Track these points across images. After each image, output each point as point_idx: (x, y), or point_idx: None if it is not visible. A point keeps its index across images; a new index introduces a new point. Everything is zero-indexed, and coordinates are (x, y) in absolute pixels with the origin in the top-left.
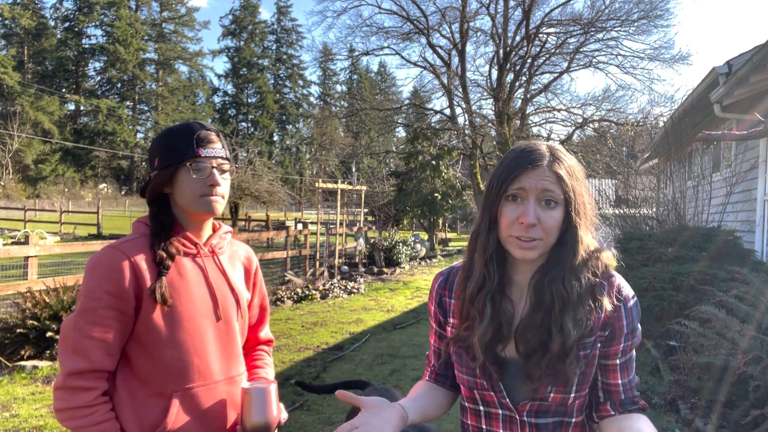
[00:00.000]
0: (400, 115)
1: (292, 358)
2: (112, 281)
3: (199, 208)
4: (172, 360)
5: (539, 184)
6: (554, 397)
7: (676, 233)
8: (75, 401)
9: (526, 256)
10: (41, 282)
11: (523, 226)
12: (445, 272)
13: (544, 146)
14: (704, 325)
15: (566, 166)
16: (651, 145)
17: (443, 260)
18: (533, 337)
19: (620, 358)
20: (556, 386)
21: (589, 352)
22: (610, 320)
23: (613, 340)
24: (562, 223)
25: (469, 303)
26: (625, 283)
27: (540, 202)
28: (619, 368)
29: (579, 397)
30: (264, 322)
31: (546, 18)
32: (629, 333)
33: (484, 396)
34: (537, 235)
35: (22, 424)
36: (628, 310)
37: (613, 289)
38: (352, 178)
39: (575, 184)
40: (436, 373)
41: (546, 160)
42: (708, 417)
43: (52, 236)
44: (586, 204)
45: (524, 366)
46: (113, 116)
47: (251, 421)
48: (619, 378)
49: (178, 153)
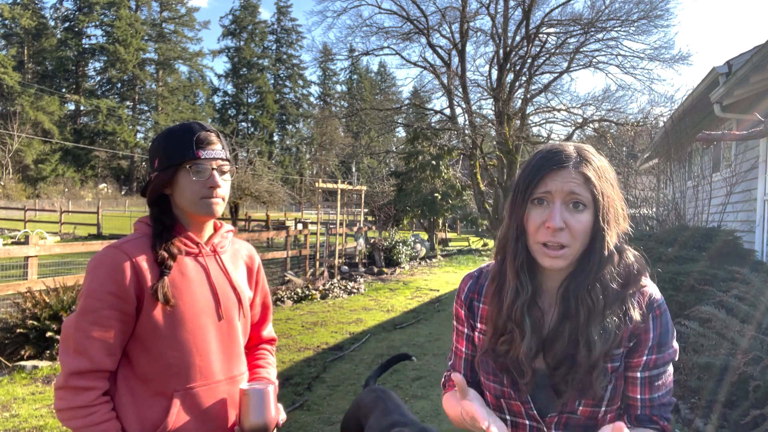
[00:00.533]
0: (400, 115)
1: (292, 358)
2: (114, 281)
3: (199, 210)
4: (173, 359)
5: (565, 186)
6: (583, 411)
7: (676, 233)
8: (76, 401)
9: (554, 265)
10: (41, 282)
11: (549, 230)
12: (474, 274)
13: (571, 147)
14: (704, 325)
15: (595, 167)
16: (651, 145)
17: (443, 260)
18: (560, 348)
19: (642, 372)
20: (585, 399)
21: (618, 365)
22: (637, 330)
23: (636, 351)
24: (591, 228)
25: (506, 317)
26: (657, 292)
27: (567, 205)
28: (639, 382)
29: (611, 411)
30: (267, 321)
31: (546, 18)
32: (655, 346)
33: (511, 406)
34: (565, 241)
35: (22, 424)
36: (657, 322)
37: (644, 298)
38: (352, 178)
39: (604, 186)
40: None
41: (572, 161)
42: (708, 417)
43: (52, 236)
44: (617, 208)
45: (551, 379)
46: (113, 116)
47: (249, 422)
48: (638, 392)
49: (177, 154)
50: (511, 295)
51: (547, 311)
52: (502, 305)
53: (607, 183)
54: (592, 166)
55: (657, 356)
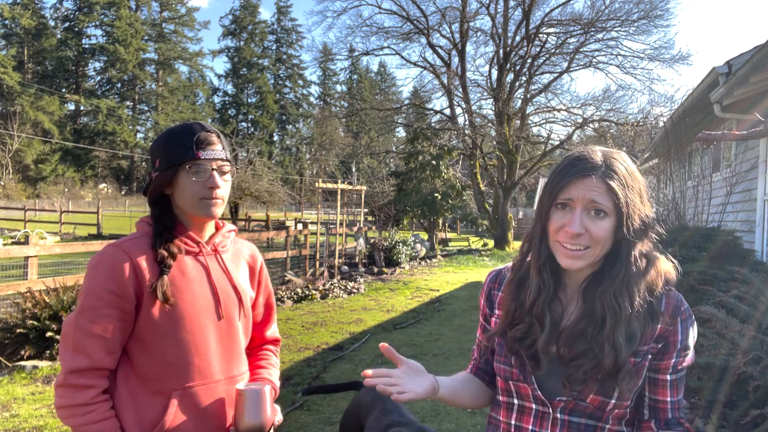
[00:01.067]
0: (400, 115)
1: (292, 358)
2: (114, 280)
3: (198, 211)
4: (172, 358)
5: (588, 194)
6: (593, 399)
7: (676, 233)
8: (76, 399)
9: (572, 265)
10: (41, 282)
11: (568, 234)
12: (498, 269)
13: (599, 154)
14: (704, 325)
15: (621, 175)
16: (651, 145)
17: (443, 260)
18: (580, 346)
19: (671, 374)
20: (596, 393)
21: (640, 361)
22: (665, 333)
23: (666, 353)
24: (615, 234)
25: (528, 310)
26: (682, 299)
27: (589, 212)
28: (669, 384)
29: (619, 406)
30: (270, 321)
31: (546, 18)
32: (682, 349)
33: (519, 388)
34: (584, 244)
35: (22, 424)
36: (684, 326)
37: (672, 303)
38: (352, 178)
39: (630, 194)
40: (477, 366)
41: (598, 170)
42: (708, 417)
43: (52, 236)
44: (642, 215)
45: (567, 368)
46: (113, 116)
47: (245, 423)
48: (669, 395)
49: (178, 155)
50: (533, 293)
51: (568, 305)
52: (521, 298)
53: (632, 192)
54: (617, 175)
55: (683, 359)
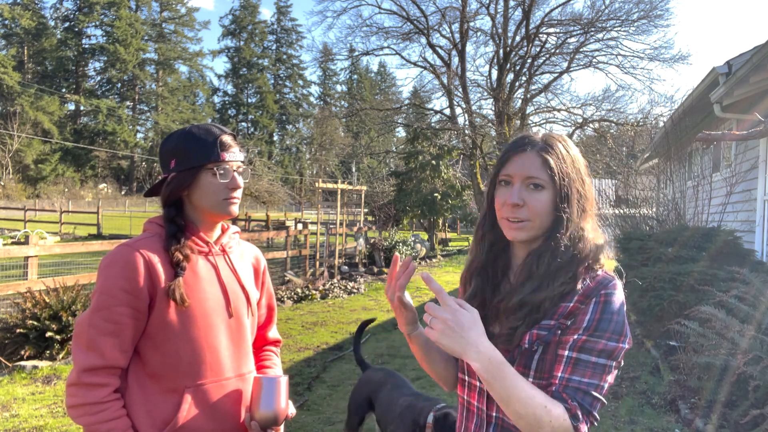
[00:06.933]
0: (400, 115)
1: (292, 358)
2: (127, 279)
3: (221, 210)
4: (184, 356)
5: (524, 169)
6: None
7: (676, 233)
8: (88, 397)
9: (516, 236)
10: (41, 282)
11: (508, 206)
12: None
13: (540, 135)
14: (704, 325)
15: (558, 152)
16: (651, 145)
17: (443, 260)
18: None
19: (570, 351)
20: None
21: (546, 334)
22: (576, 311)
23: (570, 329)
24: (552, 208)
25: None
26: (613, 284)
27: (528, 186)
28: (565, 360)
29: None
30: (272, 322)
31: (546, 18)
32: (588, 328)
33: (465, 363)
34: (524, 216)
35: (22, 424)
36: (597, 307)
37: (591, 285)
38: (352, 178)
39: (565, 168)
40: None
41: (534, 147)
42: (708, 417)
43: (52, 236)
44: (580, 191)
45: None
46: (113, 116)
47: (260, 411)
48: (560, 370)
49: (201, 156)
50: (468, 261)
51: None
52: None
53: (568, 167)
54: (555, 151)
55: (587, 338)
